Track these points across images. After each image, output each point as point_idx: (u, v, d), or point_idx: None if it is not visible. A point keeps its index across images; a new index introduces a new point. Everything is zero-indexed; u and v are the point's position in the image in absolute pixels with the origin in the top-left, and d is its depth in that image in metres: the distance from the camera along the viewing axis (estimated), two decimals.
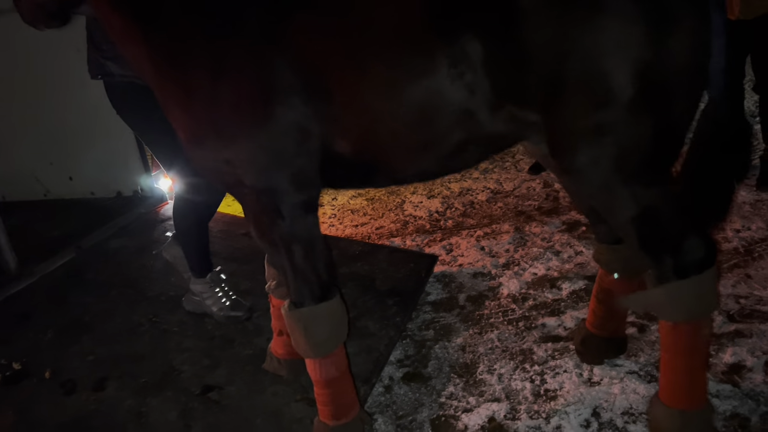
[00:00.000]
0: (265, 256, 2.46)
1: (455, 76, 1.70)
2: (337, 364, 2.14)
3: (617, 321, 2.55)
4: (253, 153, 1.82)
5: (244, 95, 1.77)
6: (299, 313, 2.03)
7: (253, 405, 2.52)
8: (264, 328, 2.95)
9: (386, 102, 1.77)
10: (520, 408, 2.46)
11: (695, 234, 1.87)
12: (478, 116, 1.76)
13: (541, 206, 4.26)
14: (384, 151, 1.87)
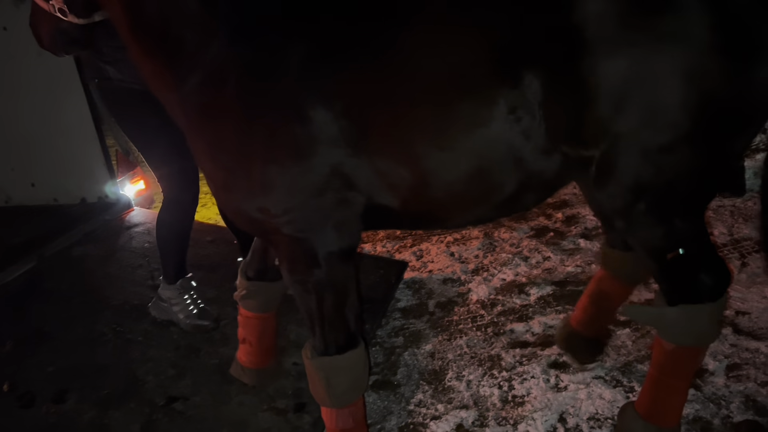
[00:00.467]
0: (232, 264, 2.44)
1: (513, 122, 1.62)
2: (354, 414, 2.07)
3: (603, 323, 2.57)
4: (293, 203, 1.74)
5: (283, 145, 1.68)
6: (321, 362, 1.95)
7: (218, 416, 2.48)
8: (231, 338, 2.91)
9: (440, 154, 1.68)
10: (488, 415, 2.46)
11: (713, 263, 1.89)
12: (531, 164, 1.69)
13: None
14: (435, 203, 1.80)
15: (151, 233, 3.90)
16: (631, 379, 2.50)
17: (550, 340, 2.83)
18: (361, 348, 2.00)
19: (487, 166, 1.70)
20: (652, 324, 2.08)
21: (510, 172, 1.71)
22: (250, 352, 2.56)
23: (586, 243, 3.65)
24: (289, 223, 1.77)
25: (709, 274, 1.87)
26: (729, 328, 2.72)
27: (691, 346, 1.96)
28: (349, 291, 1.92)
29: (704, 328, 1.93)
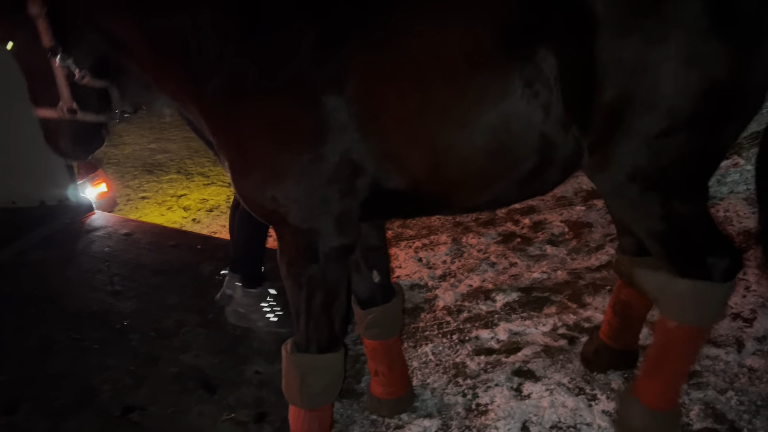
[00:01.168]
0: (194, 270, 2.37)
1: (531, 96, 1.63)
2: (321, 421, 2.05)
3: (632, 334, 2.52)
4: (301, 192, 1.75)
5: (294, 134, 1.71)
6: (300, 359, 1.95)
7: (176, 426, 2.42)
8: (191, 345, 2.85)
9: (455, 132, 1.68)
10: (452, 423, 2.44)
11: (722, 245, 1.88)
12: (552, 137, 1.69)
13: (478, 217, 4.29)
14: (451, 182, 1.79)
15: (112, 237, 3.82)
16: (594, 387, 2.50)
17: (515, 347, 2.83)
18: (340, 353, 2.00)
19: (506, 140, 1.69)
20: (658, 292, 2.03)
21: (531, 146, 1.71)
22: (384, 382, 2.47)
23: (552, 249, 3.66)
24: (295, 213, 1.78)
25: (716, 257, 1.87)
26: None
27: (694, 326, 1.94)
28: (339, 291, 1.92)
29: (709, 307, 1.91)
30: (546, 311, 3.06)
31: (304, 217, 1.80)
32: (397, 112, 1.70)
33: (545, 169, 1.78)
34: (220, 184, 5.61)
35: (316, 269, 1.85)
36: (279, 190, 1.76)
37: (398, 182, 1.79)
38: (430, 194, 1.86)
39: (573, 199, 4.28)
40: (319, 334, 1.93)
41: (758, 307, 2.84)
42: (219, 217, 4.88)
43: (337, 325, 1.96)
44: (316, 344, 1.93)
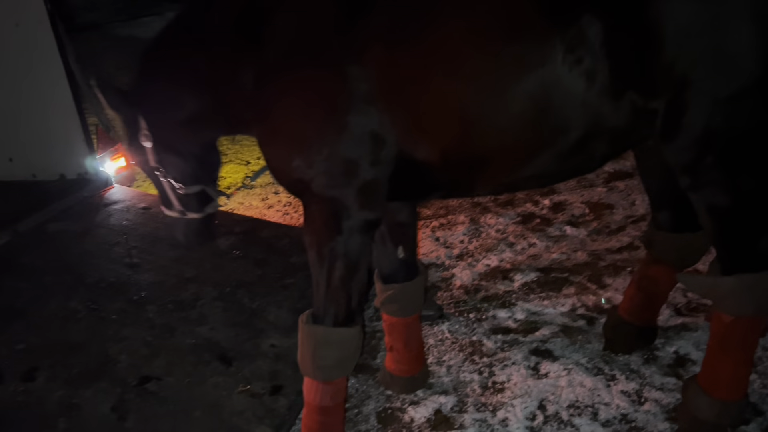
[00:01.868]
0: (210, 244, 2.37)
1: (573, 63, 1.57)
2: (334, 394, 2.04)
3: (653, 311, 2.49)
4: (324, 161, 1.75)
5: (318, 102, 1.73)
6: (314, 330, 1.94)
7: (192, 397, 2.42)
8: (207, 318, 2.85)
9: (490, 99, 1.64)
10: (467, 400, 2.42)
11: None
12: (598, 107, 1.64)
13: (497, 198, 4.24)
14: (484, 154, 1.75)
15: (130, 211, 3.82)
16: (613, 368, 2.47)
17: (533, 327, 2.79)
18: (355, 328, 1.98)
19: (545, 109, 1.64)
20: (706, 295, 2.00)
21: (573, 116, 1.65)
22: (398, 359, 2.47)
23: (572, 230, 3.61)
24: (318, 182, 1.78)
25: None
26: None
27: (751, 317, 1.89)
28: (360, 265, 1.89)
29: (763, 298, 1.85)
30: (565, 292, 3.02)
31: (327, 187, 1.79)
32: (424, 81, 1.66)
33: (590, 142, 1.72)
34: (238, 162, 5.60)
35: (338, 241, 1.83)
36: (303, 159, 1.77)
37: (427, 154, 1.74)
38: (462, 167, 1.80)
39: (594, 181, 4.20)
40: (336, 307, 1.91)
41: None
42: (236, 194, 4.87)
43: (355, 300, 1.94)
44: (333, 317, 1.92)
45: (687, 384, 2.10)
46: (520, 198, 4.13)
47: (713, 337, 1.98)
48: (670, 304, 2.78)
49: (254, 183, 5.00)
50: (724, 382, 1.99)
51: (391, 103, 1.68)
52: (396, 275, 2.31)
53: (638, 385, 2.36)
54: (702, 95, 1.60)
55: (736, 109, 1.60)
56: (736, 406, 2.02)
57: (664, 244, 2.28)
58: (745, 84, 1.57)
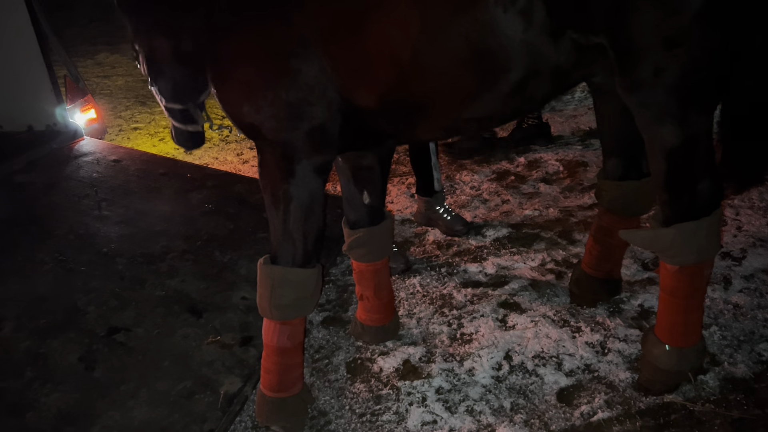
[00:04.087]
0: (183, 198, 2.34)
1: (507, 4, 1.58)
2: (291, 335, 2.06)
3: (613, 262, 2.51)
4: (269, 103, 1.79)
5: (262, 48, 1.76)
6: (271, 270, 1.97)
7: (161, 348, 2.42)
8: (177, 270, 2.83)
9: (423, 44, 1.66)
10: (436, 351, 2.45)
11: (711, 174, 1.84)
12: (537, 46, 1.65)
13: (472, 154, 4.23)
14: (423, 98, 1.78)
15: (100, 163, 3.76)
16: (578, 320, 2.51)
17: (502, 281, 2.82)
18: (312, 270, 2.00)
19: (481, 51, 1.65)
20: (649, 247, 2.03)
21: (512, 57, 1.66)
22: (369, 308, 2.48)
23: (545, 187, 3.62)
24: (268, 126, 1.82)
25: (705, 185, 1.83)
26: None
27: (695, 264, 1.92)
28: (314, 208, 1.93)
29: (703, 244, 1.89)
30: (535, 247, 3.05)
31: (275, 131, 1.83)
32: (358, 27, 1.68)
33: (531, 82, 1.73)
34: (213, 117, 5.51)
35: (291, 183, 1.87)
36: (251, 104, 1.81)
37: (366, 100, 1.78)
38: (402, 113, 1.83)
39: (570, 139, 4.21)
40: (292, 248, 1.95)
41: (749, 246, 2.83)
42: (211, 149, 4.81)
43: (311, 242, 1.97)
44: (290, 257, 1.96)
45: (645, 335, 2.15)
46: (495, 156, 4.13)
47: (663, 287, 2.02)
48: (638, 259, 2.83)
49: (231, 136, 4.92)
50: (679, 330, 2.03)
51: (330, 50, 1.72)
52: (362, 220, 2.32)
53: (602, 337, 2.40)
54: (646, 29, 1.60)
55: (679, 39, 1.60)
56: (694, 351, 2.07)
57: (611, 192, 2.31)
58: (686, 13, 1.57)
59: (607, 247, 2.44)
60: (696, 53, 1.63)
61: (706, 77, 1.69)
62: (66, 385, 2.25)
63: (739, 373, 2.18)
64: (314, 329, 2.66)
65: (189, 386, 2.24)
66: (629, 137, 2.11)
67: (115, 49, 8.38)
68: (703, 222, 1.86)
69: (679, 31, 1.60)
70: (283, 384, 2.09)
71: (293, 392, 2.12)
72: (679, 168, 1.81)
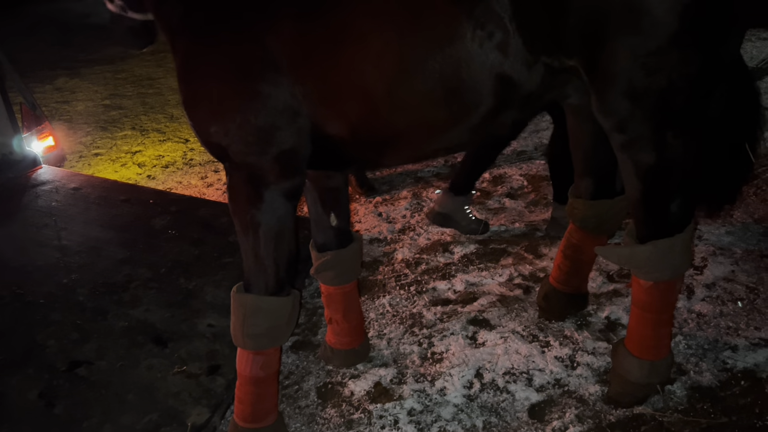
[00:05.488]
0: (145, 225, 2.29)
1: (483, 38, 1.58)
2: (265, 364, 2.02)
3: (581, 277, 2.54)
4: (238, 126, 1.75)
5: (232, 70, 1.73)
6: (244, 299, 1.94)
7: (124, 380, 2.35)
8: (141, 299, 2.77)
9: (397, 79, 1.66)
10: (407, 372, 2.43)
11: (685, 192, 1.87)
12: (512, 77, 1.65)
13: (439, 172, 4.26)
14: (394, 132, 1.77)
15: (59, 191, 3.67)
16: (547, 334, 2.52)
17: (471, 297, 2.83)
18: (287, 298, 1.97)
19: (456, 87, 1.66)
20: (624, 263, 2.06)
21: (486, 90, 1.67)
22: (338, 331, 2.44)
23: (510, 202, 3.66)
24: (235, 148, 1.79)
25: (681, 202, 1.86)
26: None
27: (668, 280, 1.95)
28: (283, 234, 1.90)
29: (677, 261, 1.92)
30: (503, 262, 3.07)
31: (243, 154, 1.79)
32: (332, 58, 1.67)
33: (502, 111, 1.74)
34: (176, 140, 5.45)
35: (260, 209, 1.84)
36: (220, 124, 1.77)
37: (337, 129, 1.77)
38: (372, 144, 1.83)
39: (533, 153, 4.26)
40: (264, 276, 1.91)
41: (709, 255, 2.89)
42: (175, 173, 4.74)
43: (284, 269, 1.93)
44: (262, 286, 1.92)
45: (616, 348, 2.17)
46: None
47: (635, 302, 2.04)
48: (603, 271, 2.86)
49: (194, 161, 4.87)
50: (650, 344, 2.06)
51: (302, 77, 1.70)
52: (330, 243, 2.30)
53: (571, 351, 2.42)
54: (622, 52, 1.61)
55: (656, 65, 1.61)
56: (663, 365, 2.09)
57: (584, 211, 2.33)
58: (663, 39, 1.58)
59: (577, 263, 2.46)
60: (673, 78, 1.64)
61: (685, 101, 1.70)
62: (25, 425, 2.17)
63: (705, 381, 2.22)
64: (284, 354, 2.62)
65: (155, 419, 2.18)
66: (602, 157, 2.13)
67: (75, 73, 8.25)
68: (677, 239, 1.89)
69: (657, 56, 1.60)
70: (257, 414, 2.05)
71: (267, 423, 2.08)
72: (654, 188, 1.83)
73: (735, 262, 2.83)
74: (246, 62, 1.71)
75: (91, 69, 8.41)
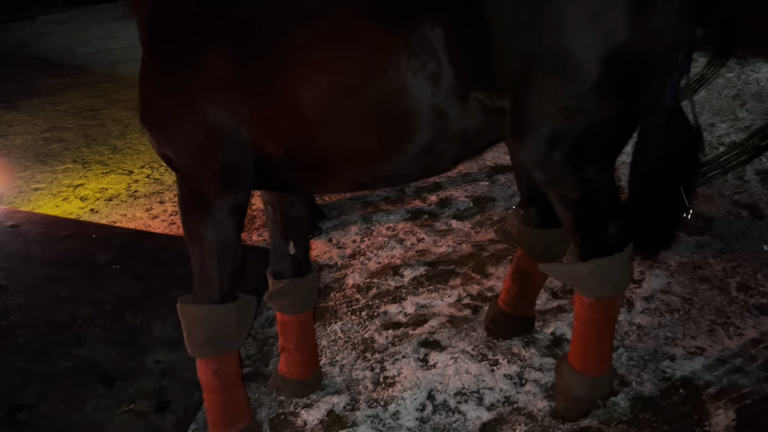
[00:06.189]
0: (88, 261, 2.25)
1: (417, 68, 1.60)
2: (218, 372, 2.05)
3: (529, 301, 2.60)
4: (181, 139, 1.80)
5: (176, 84, 1.78)
6: (185, 309, 2.00)
7: (69, 423, 2.29)
8: (86, 338, 2.70)
9: (330, 105, 1.68)
10: (360, 398, 2.44)
11: (620, 215, 1.93)
12: (444, 110, 1.66)
13: (388, 197, 4.30)
14: (329, 155, 1.79)
15: (3, 228, 3.55)
16: (496, 353, 2.57)
17: (422, 319, 2.86)
18: (226, 306, 1.99)
19: (389, 114, 1.67)
20: (567, 280, 2.13)
21: (420, 120, 1.68)
22: (290, 361, 2.41)
23: (457, 224, 3.73)
24: (179, 160, 1.85)
25: (617, 225, 1.92)
26: None
27: (609, 297, 2.01)
28: (227, 248, 1.93)
29: (617, 279, 1.98)
30: (451, 283, 3.12)
31: (187, 167, 1.85)
32: (267, 78, 1.70)
33: (438, 144, 1.76)
34: (120, 173, 5.34)
35: (204, 221, 1.89)
36: (164, 136, 1.84)
37: (274, 150, 1.80)
38: (308, 167, 1.85)
39: (477, 176, 4.37)
40: (207, 286, 1.96)
41: (646, 269, 3.01)
42: (119, 206, 4.64)
43: (226, 280, 1.97)
44: (207, 296, 1.97)
45: (560, 364, 2.23)
46: (409, 195, 4.22)
47: (577, 318, 2.11)
48: (547, 288, 2.94)
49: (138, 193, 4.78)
50: (592, 359, 2.12)
51: (240, 96, 1.73)
52: (287, 270, 2.30)
53: (519, 368, 2.48)
54: (545, 95, 1.65)
55: (576, 109, 1.65)
56: (604, 380, 2.16)
57: (531, 239, 2.40)
58: (584, 84, 1.62)
59: (525, 287, 2.53)
60: (593, 122, 1.69)
61: (604, 143, 1.75)
62: None
63: (646, 391, 2.30)
64: None
65: None
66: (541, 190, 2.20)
67: (11, 106, 8.00)
68: (616, 258, 1.95)
69: (577, 100, 1.64)
70: (225, 420, 2.12)
71: (238, 427, 2.13)
72: (585, 217, 1.90)
73: (671, 274, 2.96)
74: (189, 78, 1.75)
75: (30, 101, 8.18)
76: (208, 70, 1.71)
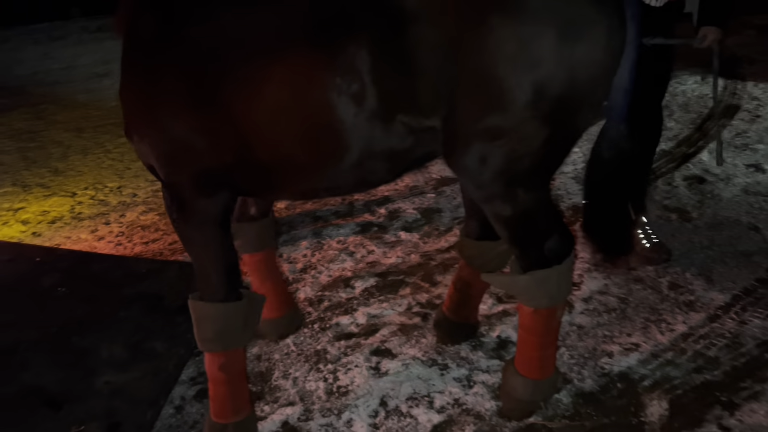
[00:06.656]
0: (32, 285, 2.25)
1: (343, 88, 1.67)
2: (223, 366, 2.16)
3: (470, 309, 2.70)
4: (154, 146, 1.90)
5: (149, 96, 1.87)
6: (193, 305, 2.11)
7: None
8: (31, 363, 2.65)
9: (261, 117, 1.76)
10: (314, 408, 2.48)
11: (558, 228, 2.02)
12: (369, 130, 1.72)
13: (337, 211, 4.36)
14: (267, 166, 1.90)
15: None
16: (445, 357, 2.66)
17: (373, 329, 2.92)
18: (231, 304, 2.09)
19: (319, 130, 1.76)
20: (507, 290, 2.25)
21: (347, 137, 1.76)
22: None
23: (406, 235, 3.82)
24: (159, 165, 1.94)
25: (554, 240, 2.01)
26: None
27: (549, 307, 2.10)
28: (215, 247, 2.04)
29: (554, 290, 2.07)
30: (401, 293, 3.20)
31: (165, 170, 1.95)
32: (209, 94, 1.79)
33: (366, 161, 1.83)
34: (62, 194, 5.22)
35: (188, 223, 2.00)
36: (142, 147, 1.95)
37: (228, 159, 1.88)
38: (258, 176, 1.95)
39: (424, 188, 4.48)
40: (206, 284, 2.08)
41: (584, 271, 3.16)
42: (62, 228, 4.54)
43: (222, 278, 2.06)
44: (208, 293, 2.08)
45: (506, 367, 2.34)
46: (358, 209, 4.29)
47: (521, 325, 2.21)
48: (492, 293, 3.05)
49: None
50: (535, 364, 2.23)
51: (191, 112, 1.82)
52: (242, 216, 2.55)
53: (468, 371, 2.56)
54: (470, 119, 1.70)
55: (500, 132, 1.70)
56: (547, 384, 2.27)
57: (471, 250, 2.50)
58: (508, 110, 1.66)
59: (466, 295, 2.64)
60: (517, 147, 1.73)
61: (533, 164, 1.79)
62: None
63: (587, 387, 2.42)
64: (187, 405, 2.58)
65: None
66: None
67: None
68: (554, 270, 2.03)
69: (502, 123, 1.69)
70: (227, 411, 2.22)
71: (238, 418, 2.24)
72: (520, 233, 1.98)
73: (607, 276, 3.12)
74: (155, 95, 1.85)
75: None
76: (166, 88, 1.82)
